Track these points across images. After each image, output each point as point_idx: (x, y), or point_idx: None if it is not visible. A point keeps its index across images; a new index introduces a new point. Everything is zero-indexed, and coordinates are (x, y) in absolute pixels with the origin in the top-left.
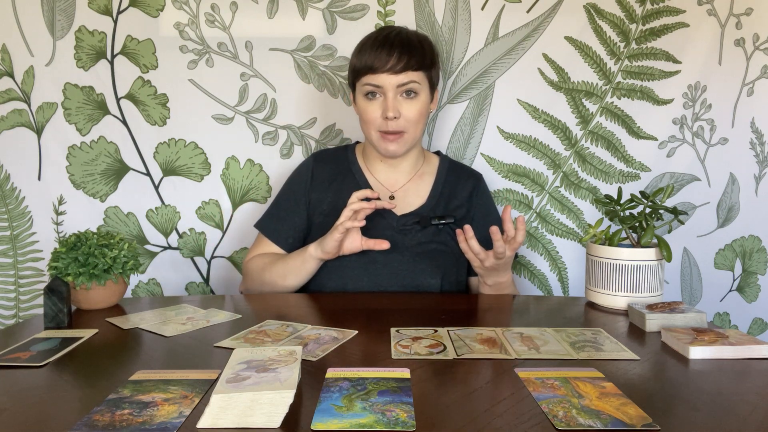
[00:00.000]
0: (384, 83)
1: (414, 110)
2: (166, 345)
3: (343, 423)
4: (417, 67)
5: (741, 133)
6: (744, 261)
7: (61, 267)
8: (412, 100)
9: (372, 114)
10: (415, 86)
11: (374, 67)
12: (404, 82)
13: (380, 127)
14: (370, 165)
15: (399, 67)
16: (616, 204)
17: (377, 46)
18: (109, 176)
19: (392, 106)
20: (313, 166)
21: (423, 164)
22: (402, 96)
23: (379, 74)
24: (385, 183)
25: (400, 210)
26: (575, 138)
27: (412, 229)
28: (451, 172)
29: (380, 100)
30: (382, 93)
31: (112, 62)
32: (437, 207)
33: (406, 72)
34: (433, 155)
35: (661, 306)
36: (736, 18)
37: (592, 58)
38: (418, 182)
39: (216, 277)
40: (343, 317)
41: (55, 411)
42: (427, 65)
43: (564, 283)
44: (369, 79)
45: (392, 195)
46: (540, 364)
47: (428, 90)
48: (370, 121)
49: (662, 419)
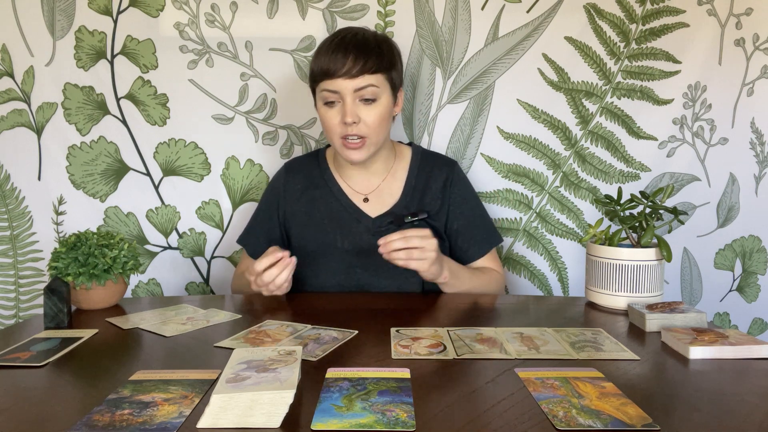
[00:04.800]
0: (341, 88)
1: (373, 115)
2: (166, 345)
3: (343, 423)
4: (375, 70)
5: (741, 133)
6: (744, 261)
7: (61, 267)
8: (372, 106)
9: (331, 121)
10: (373, 90)
11: (330, 72)
12: (361, 86)
13: (341, 133)
14: (341, 170)
15: (355, 71)
16: (616, 204)
17: (333, 49)
18: (109, 176)
19: (350, 111)
20: (285, 178)
21: (395, 161)
22: (361, 101)
23: (336, 79)
24: (358, 186)
25: (375, 211)
26: (575, 138)
27: (388, 229)
28: (424, 164)
29: (339, 106)
30: (340, 98)
31: (112, 62)
32: (411, 203)
33: (363, 75)
34: (406, 148)
35: (661, 306)
36: (736, 18)
37: (592, 58)
38: (391, 181)
39: (216, 277)
40: (343, 317)
41: (55, 411)
42: (386, 67)
43: (564, 283)
44: (326, 84)
45: (366, 197)
46: (540, 364)
47: (389, 92)
48: (331, 128)
49: (662, 419)
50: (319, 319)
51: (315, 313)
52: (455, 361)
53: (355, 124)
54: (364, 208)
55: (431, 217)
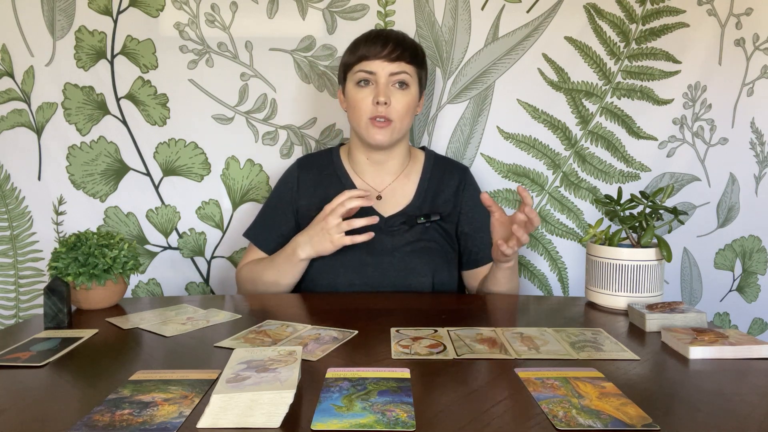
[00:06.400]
0: (377, 69)
1: (404, 102)
2: (166, 345)
3: (343, 423)
4: (410, 60)
5: (741, 133)
6: (744, 261)
7: (61, 267)
8: (404, 92)
9: (363, 101)
10: (406, 78)
11: (369, 55)
12: (397, 71)
13: (371, 113)
14: (355, 167)
15: (393, 56)
16: (616, 204)
17: (372, 37)
18: (109, 176)
19: (384, 91)
20: (298, 173)
21: (409, 163)
22: (394, 86)
23: (373, 61)
24: (372, 184)
25: (387, 211)
26: (575, 138)
27: (400, 230)
28: (437, 168)
29: (371, 88)
30: (374, 80)
31: (112, 62)
32: (423, 205)
33: (399, 62)
34: (419, 152)
35: (661, 306)
36: (736, 18)
37: (592, 58)
38: (404, 181)
39: (216, 277)
40: (343, 317)
41: (55, 411)
42: (419, 62)
43: (564, 283)
44: (363, 65)
45: (379, 195)
46: (540, 364)
47: (417, 87)
48: (361, 108)
49: (662, 419)
50: (319, 319)
51: (315, 313)
52: (455, 361)
53: (386, 105)
54: (377, 206)
55: (443, 219)
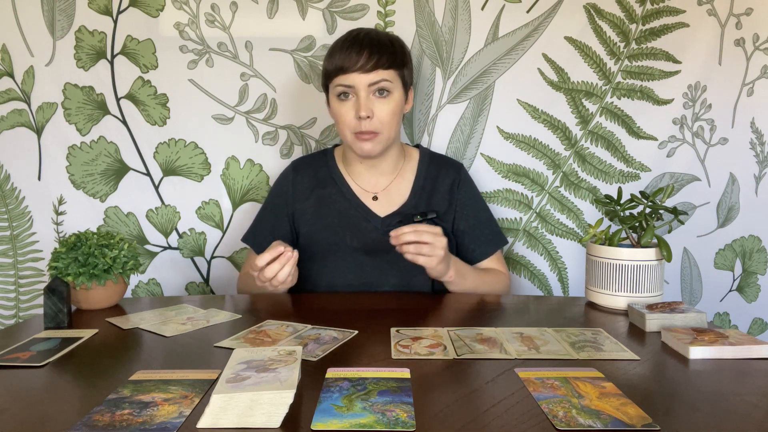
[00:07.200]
0: (355, 83)
1: (387, 110)
2: (166, 345)
3: (343, 423)
4: (388, 66)
5: (741, 133)
6: (744, 261)
7: (61, 267)
8: (385, 99)
9: (345, 115)
10: (386, 84)
11: (344, 68)
12: (375, 81)
13: (354, 128)
14: (349, 168)
15: (369, 66)
16: (616, 204)
17: (347, 47)
18: (109, 176)
19: (364, 105)
20: (293, 177)
21: (404, 162)
22: (374, 95)
23: (350, 74)
24: (367, 185)
25: (384, 211)
26: (575, 138)
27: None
28: (432, 166)
29: (353, 101)
30: (354, 93)
31: (112, 62)
32: (419, 203)
33: (377, 71)
34: (414, 150)
35: (661, 306)
36: (736, 18)
37: (592, 58)
38: (399, 181)
39: (216, 277)
40: (343, 317)
41: (55, 411)
42: (398, 64)
43: (564, 283)
44: (340, 79)
45: (375, 196)
46: (540, 364)
47: (401, 89)
48: (344, 122)
49: (662, 419)
50: (319, 319)
51: (315, 313)
52: (455, 361)
53: (368, 119)
54: (373, 207)
55: (439, 217)
